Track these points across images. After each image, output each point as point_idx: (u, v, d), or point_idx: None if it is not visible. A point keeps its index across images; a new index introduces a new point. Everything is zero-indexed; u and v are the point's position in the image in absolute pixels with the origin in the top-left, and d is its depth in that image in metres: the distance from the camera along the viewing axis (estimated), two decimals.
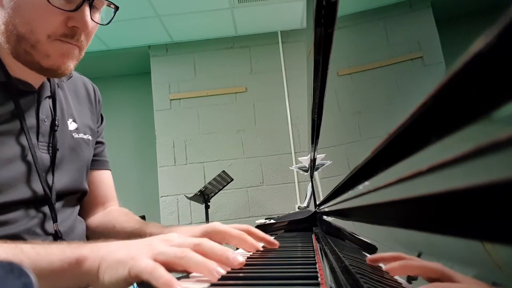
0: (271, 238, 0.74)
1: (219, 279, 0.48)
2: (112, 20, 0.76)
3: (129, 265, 0.49)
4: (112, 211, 0.94)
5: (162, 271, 0.48)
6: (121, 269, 0.49)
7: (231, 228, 0.70)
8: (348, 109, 0.54)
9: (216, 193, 2.86)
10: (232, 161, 3.38)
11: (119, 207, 0.97)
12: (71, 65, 0.71)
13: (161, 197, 3.38)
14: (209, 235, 0.70)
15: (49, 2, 0.65)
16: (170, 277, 0.48)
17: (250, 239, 0.69)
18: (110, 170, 0.99)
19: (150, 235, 0.72)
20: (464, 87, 0.14)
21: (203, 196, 2.75)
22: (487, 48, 0.11)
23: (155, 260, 0.50)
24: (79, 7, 0.67)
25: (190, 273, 0.53)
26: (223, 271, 0.51)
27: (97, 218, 0.92)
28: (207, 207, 2.78)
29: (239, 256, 0.53)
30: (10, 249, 0.51)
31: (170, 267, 0.50)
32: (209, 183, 2.73)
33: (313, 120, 0.95)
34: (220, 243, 0.70)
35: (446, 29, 0.18)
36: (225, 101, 3.47)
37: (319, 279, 0.44)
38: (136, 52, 3.59)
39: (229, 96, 3.48)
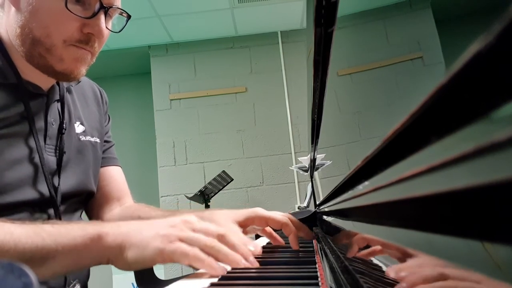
0: (308, 229, 0.77)
1: (219, 279, 0.48)
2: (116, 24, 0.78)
3: (160, 246, 0.51)
4: (131, 205, 0.94)
5: (203, 255, 0.51)
6: (150, 249, 0.51)
7: (275, 214, 0.72)
8: (348, 109, 0.54)
9: (216, 193, 2.86)
10: (232, 161, 3.38)
11: (136, 202, 0.97)
12: (83, 70, 0.73)
13: (161, 197, 3.38)
14: (252, 219, 0.74)
15: (67, 8, 0.66)
16: (212, 259, 0.50)
17: (292, 226, 0.71)
18: (121, 167, 0.99)
19: None
20: (464, 87, 0.14)
21: (203, 196, 2.75)
22: (487, 48, 0.11)
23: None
24: (95, 14, 0.69)
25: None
26: (248, 264, 0.53)
27: (116, 213, 0.92)
28: (207, 207, 2.78)
29: (255, 261, 0.55)
30: (31, 228, 0.52)
31: None
32: (209, 183, 2.73)
33: (313, 120, 0.95)
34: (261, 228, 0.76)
35: (446, 29, 0.18)
36: (225, 101, 3.47)
37: (319, 279, 0.44)
38: (136, 52, 3.59)
39: (229, 96, 3.48)
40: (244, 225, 0.73)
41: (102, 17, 0.70)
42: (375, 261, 0.30)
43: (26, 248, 0.50)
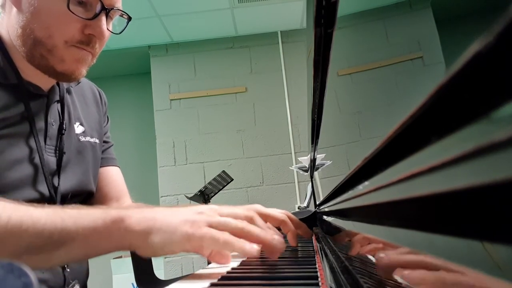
0: (307, 228, 0.77)
1: (219, 279, 0.48)
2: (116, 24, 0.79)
3: (189, 231, 0.50)
4: (129, 205, 0.94)
5: (233, 238, 0.50)
6: (178, 234, 0.50)
7: (274, 212, 0.72)
8: (348, 109, 0.54)
9: (216, 193, 2.86)
10: (232, 161, 3.38)
11: (134, 202, 0.97)
12: (84, 70, 0.74)
13: (161, 197, 3.38)
14: None
15: (69, 10, 0.66)
16: (243, 241, 0.50)
17: (290, 224, 0.71)
18: (119, 167, 0.99)
19: None
20: (464, 87, 0.14)
21: (203, 196, 2.75)
22: (487, 48, 0.11)
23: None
24: (96, 16, 0.69)
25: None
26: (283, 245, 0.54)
27: None
28: None
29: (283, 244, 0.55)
30: (51, 209, 0.52)
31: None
32: (209, 183, 2.73)
33: (313, 120, 0.95)
34: None
35: (446, 29, 0.18)
36: (225, 101, 3.47)
37: (319, 279, 0.44)
38: (136, 52, 3.59)
39: (229, 96, 3.48)
40: None
41: (103, 18, 0.70)
42: (375, 261, 0.30)
43: (45, 228, 0.48)
